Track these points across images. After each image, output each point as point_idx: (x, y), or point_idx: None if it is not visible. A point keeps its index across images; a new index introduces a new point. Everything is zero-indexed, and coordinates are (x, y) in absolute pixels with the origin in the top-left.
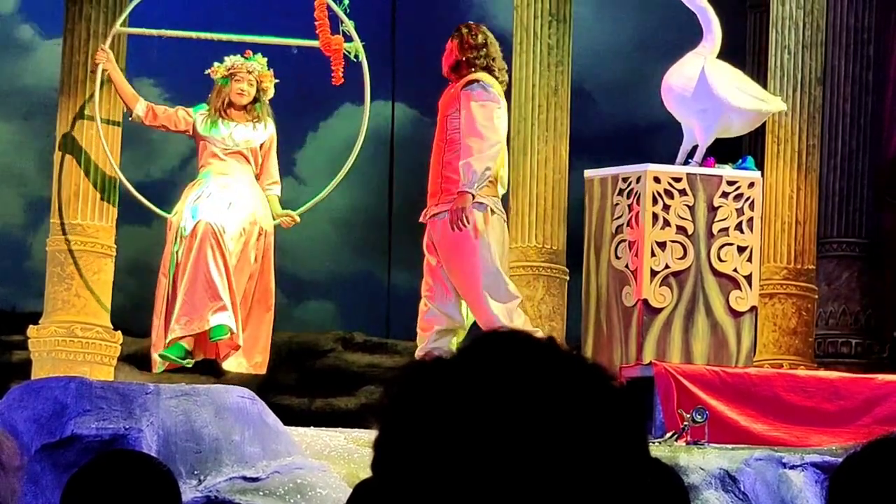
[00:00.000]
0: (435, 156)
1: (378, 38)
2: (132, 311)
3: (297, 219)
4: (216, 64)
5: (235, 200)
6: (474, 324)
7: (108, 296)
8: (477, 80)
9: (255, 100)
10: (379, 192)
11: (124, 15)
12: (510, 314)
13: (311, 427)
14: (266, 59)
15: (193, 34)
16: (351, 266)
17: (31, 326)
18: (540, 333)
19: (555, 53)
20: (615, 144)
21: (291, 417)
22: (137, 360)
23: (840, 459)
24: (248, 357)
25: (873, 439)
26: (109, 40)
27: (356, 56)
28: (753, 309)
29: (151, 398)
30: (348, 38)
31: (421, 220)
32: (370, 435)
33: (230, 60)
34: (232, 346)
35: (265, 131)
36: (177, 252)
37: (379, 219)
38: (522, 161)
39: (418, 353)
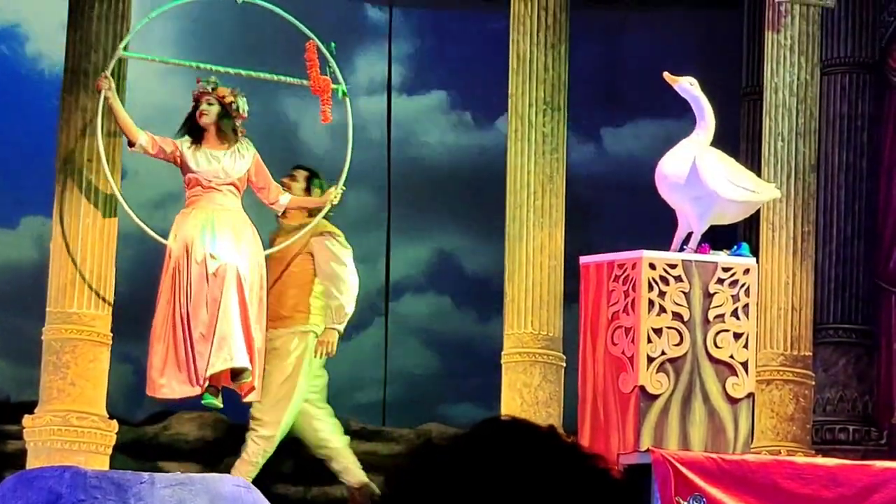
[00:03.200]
0: None
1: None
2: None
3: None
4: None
5: (238, 234)
6: None
7: (103, 384)
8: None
9: (228, 124)
10: (374, 275)
11: (126, 40)
12: None
13: None
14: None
15: (192, 64)
16: (346, 352)
17: (26, 416)
18: None
19: (549, 141)
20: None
21: None
22: (133, 448)
23: None
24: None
25: None
26: (112, 66)
27: (343, 95)
28: (750, 395)
29: (146, 487)
30: (335, 80)
31: None
32: None
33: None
34: (249, 387)
35: (248, 154)
36: (189, 284)
37: (374, 304)
38: (518, 248)
39: None
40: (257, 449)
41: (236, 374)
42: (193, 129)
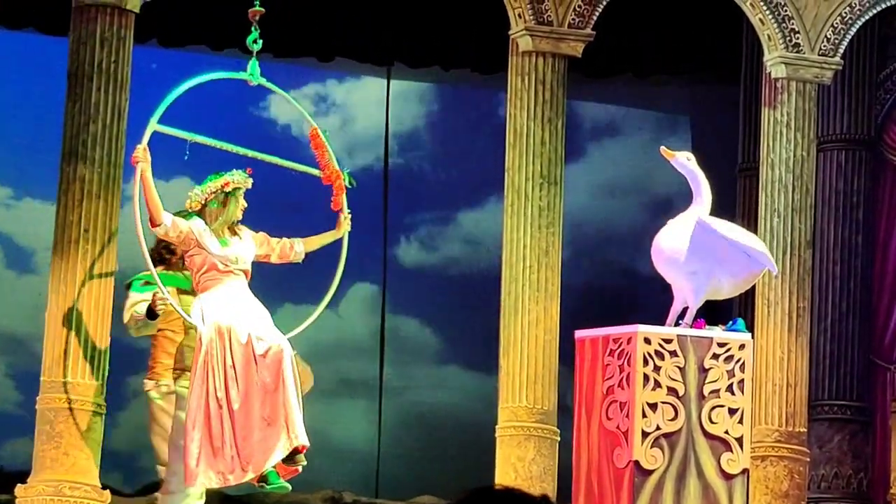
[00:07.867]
0: None
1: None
2: None
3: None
4: (225, 176)
5: (264, 314)
6: None
7: (97, 454)
8: None
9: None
10: (370, 353)
11: (159, 112)
12: None
13: None
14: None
15: (228, 146)
16: (340, 424)
17: (18, 485)
18: None
19: (546, 215)
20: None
21: None
22: None
23: None
24: None
25: None
26: (147, 138)
27: (351, 183)
28: (745, 471)
29: None
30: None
31: None
32: None
33: (238, 176)
34: (294, 471)
35: (247, 238)
36: (226, 367)
37: (369, 379)
38: (513, 321)
39: None
40: None
41: (292, 455)
42: (227, 216)
